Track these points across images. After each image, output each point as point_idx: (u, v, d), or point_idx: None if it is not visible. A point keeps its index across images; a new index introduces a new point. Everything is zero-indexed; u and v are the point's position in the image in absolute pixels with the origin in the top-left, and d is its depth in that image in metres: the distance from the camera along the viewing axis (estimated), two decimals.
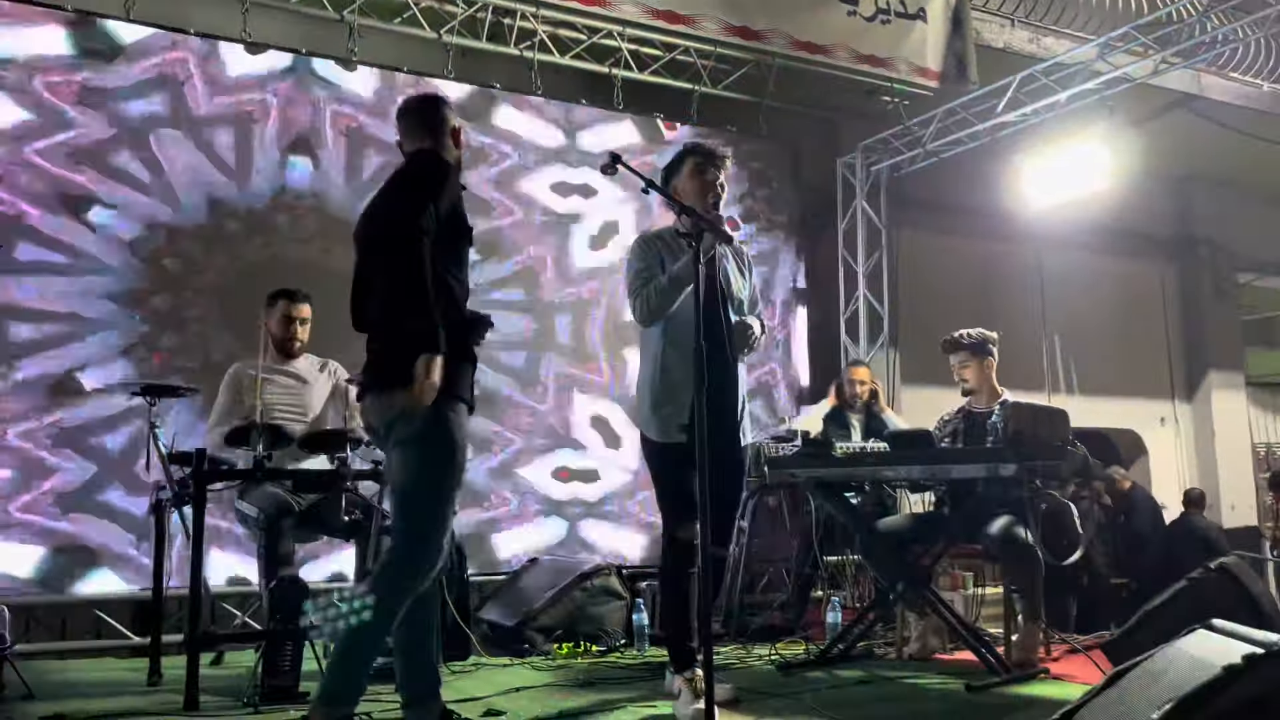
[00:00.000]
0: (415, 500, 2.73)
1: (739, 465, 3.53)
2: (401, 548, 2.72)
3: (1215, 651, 2.16)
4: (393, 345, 2.71)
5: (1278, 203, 10.26)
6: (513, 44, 6.06)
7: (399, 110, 3.06)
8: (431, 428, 2.71)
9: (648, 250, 3.43)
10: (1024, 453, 3.73)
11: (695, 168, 3.45)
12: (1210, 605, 3.33)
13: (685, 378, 3.20)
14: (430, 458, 2.73)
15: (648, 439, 3.44)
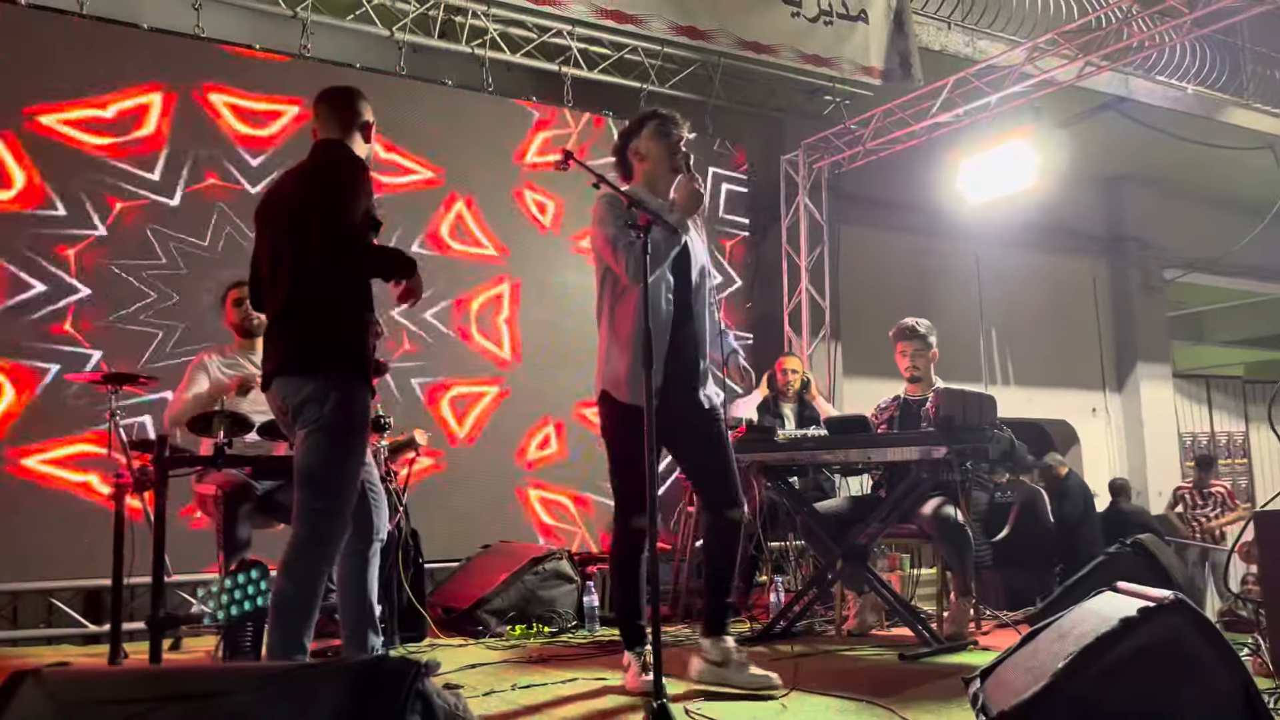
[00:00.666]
0: (324, 479, 2.84)
1: (717, 435, 3.41)
2: (310, 525, 2.82)
3: (1117, 608, 2.37)
4: (308, 332, 2.86)
5: (1204, 202, 10.68)
6: (464, 41, 6.17)
7: (317, 97, 3.16)
8: (344, 410, 2.84)
9: (617, 209, 3.27)
10: (953, 435, 3.96)
11: (657, 129, 3.43)
12: (1124, 577, 3.57)
13: (659, 344, 3.18)
14: (340, 438, 2.85)
15: (617, 401, 3.30)
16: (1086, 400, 10.32)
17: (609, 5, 6.37)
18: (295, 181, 3.02)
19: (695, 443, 3.38)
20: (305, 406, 2.84)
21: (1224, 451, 11.14)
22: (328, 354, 2.87)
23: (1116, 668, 2.17)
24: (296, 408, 2.86)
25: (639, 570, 3.32)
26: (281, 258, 2.93)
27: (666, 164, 3.41)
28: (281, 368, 2.90)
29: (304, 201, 2.92)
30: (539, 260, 6.34)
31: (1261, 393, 11.92)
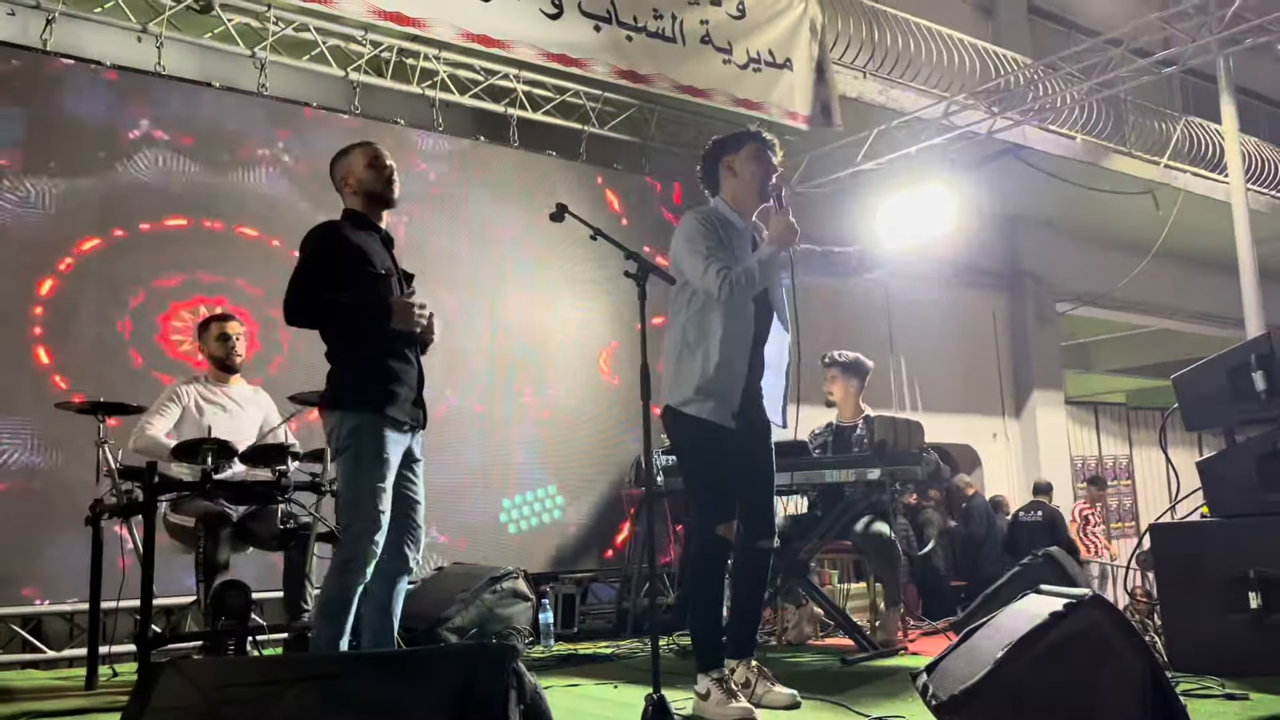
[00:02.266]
0: (341, 502, 3.20)
1: (770, 465, 3.50)
2: (343, 544, 3.16)
3: (1043, 605, 2.77)
4: (330, 377, 3.27)
5: (1091, 241, 11.50)
6: (415, 83, 6.43)
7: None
8: (355, 439, 3.17)
9: (709, 228, 3.36)
10: (887, 458, 4.38)
11: (757, 152, 3.42)
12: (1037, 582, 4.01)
13: (739, 367, 3.30)
14: (349, 466, 3.17)
15: (693, 416, 3.29)
16: (988, 425, 10.97)
17: (555, 49, 6.72)
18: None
19: (749, 468, 3.40)
20: (331, 437, 3.22)
21: (1110, 474, 11.91)
22: (343, 392, 3.23)
23: (1046, 655, 2.56)
24: (328, 438, 3.25)
25: (721, 584, 3.36)
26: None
27: (757, 188, 3.42)
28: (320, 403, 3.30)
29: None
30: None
31: (1143, 418, 12.80)
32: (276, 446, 4.14)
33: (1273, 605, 3.49)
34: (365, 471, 3.14)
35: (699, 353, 3.30)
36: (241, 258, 5.69)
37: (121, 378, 5.20)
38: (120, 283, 5.38)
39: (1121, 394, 16.06)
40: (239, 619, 3.94)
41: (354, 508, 3.13)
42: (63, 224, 5.24)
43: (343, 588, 3.09)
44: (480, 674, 1.60)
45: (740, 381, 3.32)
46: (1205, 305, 12.53)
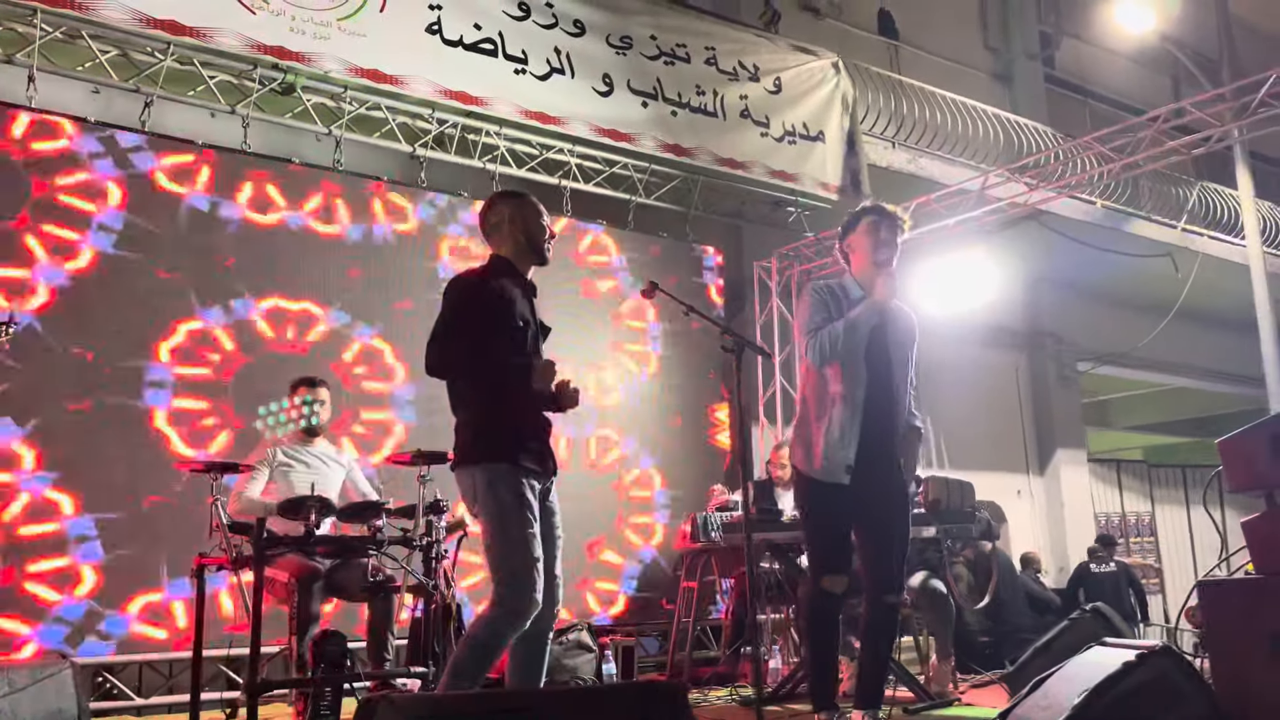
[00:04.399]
0: (492, 554, 3.23)
1: (905, 521, 3.62)
2: (494, 598, 3.21)
3: (1111, 656, 3.03)
4: (458, 429, 3.33)
5: (1108, 301, 11.80)
6: (477, 157, 6.80)
7: (479, 215, 3.58)
8: (492, 493, 3.23)
9: (818, 299, 3.60)
10: (943, 516, 4.63)
11: (870, 225, 3.63)
12: (1089, 636, 4.24)
13: (850, 424, 3.47)
14: (495, 518, 3.23)
15: (810, 478, 3.52)
16: (1013, 482, 11.19)
17: (606, 125, 7.09)
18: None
19: (875, 525, 3.53)
20: (465, 496, 3.31)
21: (1133, 530, 12.10)
22: (471, 448, 3.29)
23: (1119, 700, 2.81)
24: (463, 497, 3.32)
25: (831, 633, 3.53)
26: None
27: (871, 258, 3.62)
28: (453, 464, 3.35)
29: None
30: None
31: (1164, 476, 13.03)
32: (371, 503, 4.41)
33: None
34: (512, 522, 3.18)
35: (814, 416, 3.52)
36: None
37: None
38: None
39: (1139, 450, 16.27)
40: (338, 667, 4.18)
41: (507, 558, 3.16)
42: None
43: (497, 635, 3.13)
44: (656, 709, 1.86)
45: (853, 441, 3.48)
46: (1222, 364, 12.80)
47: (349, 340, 6.21)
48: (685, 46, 7.66)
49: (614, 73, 7.23)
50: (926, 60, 10.78)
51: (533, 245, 3.45)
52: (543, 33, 6.91)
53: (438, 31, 6.43)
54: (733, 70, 7.89)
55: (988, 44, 12.02)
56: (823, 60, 8.43)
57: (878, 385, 3.56)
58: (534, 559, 3.17)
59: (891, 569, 3.54)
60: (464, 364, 3.26)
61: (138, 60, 5.70)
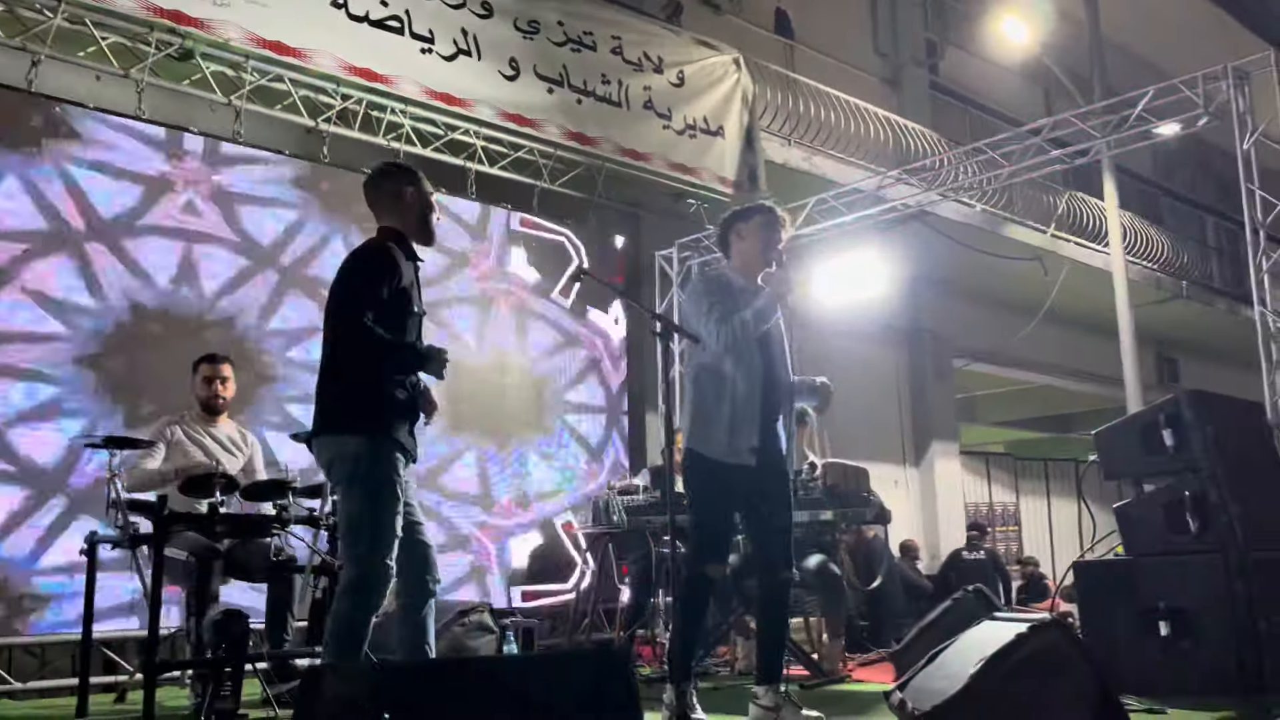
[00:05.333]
0: (356, 529, 3.21)
1: (788, 497, 3.76)
2: (350, 571, 3.19)
3: (1004, 629, 3.23)
4: (335, 397, 3.27)
5: (982, 301, 12.34)
6: (381, 135, 6.70)
7: (364, 184, 3.49)
8: (368, 466, 3.20)
9: (714, 287, 3.75)
10: (839, 500, 4.82)
11: (764, 223, 3.77)
12: (971, 615, 4.48)
13: (751, 407, 3.61)
14: (364, 491, 3.21)
15: (710, 458, 3.59)
16: (890, 473, 11.61)
17: (511, 109, 7.08)
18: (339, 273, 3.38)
19: (770, 504, 3.67)
20: (334, 464, 3.24)
21: (999, 519, 12.73)
22: (348, 416, 3.23)
23: (1014, 669, 3.01)
24: (328, 465, 3.27)
25: (703, 617, 3.63)
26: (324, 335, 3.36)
27: (762, 255, 3.76)
28: (318, 429, 3.29)
29: (336, 284, 3.33)
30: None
31: (1028, 468, 13.74)
32: (277, 481, 4.35)
33: (1179, 633, 4.04)
34: (384, 498, 3.17)
35: (715, 399, 3.61)
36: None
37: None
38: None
39: (1001, 444, 17.09)
40: (240, 648, 4.10)
41: (371, 536, 3.14)
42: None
43: (365, 610, 3.14)
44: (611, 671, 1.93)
45: (756, 422, 3.62)
46: (1083, 364, 13.54)
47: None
48: (592, 34, 7.70)
49: (520, 57, 7.22)
50: (820, 61, 11.06)
51: (426, 223, 3.47)
52: (450, 12, 6.85)
53: (343, 6, 6.31)
54: (638, 61, 7.96)
55: (878, 49, 12.42)
56: (724, 56, 8.58)
57: (770, 371, 3.74)
58: (395, 538, 3.18)
59: (787, 546, 3.67)
60: (374, 343, 3.20)
61: (25, 17, 5.44)
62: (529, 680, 1.95)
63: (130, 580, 4.50)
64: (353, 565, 3.20)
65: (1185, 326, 14.03)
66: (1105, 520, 4.46)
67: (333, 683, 1.96)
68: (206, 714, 3.88)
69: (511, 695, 1.91)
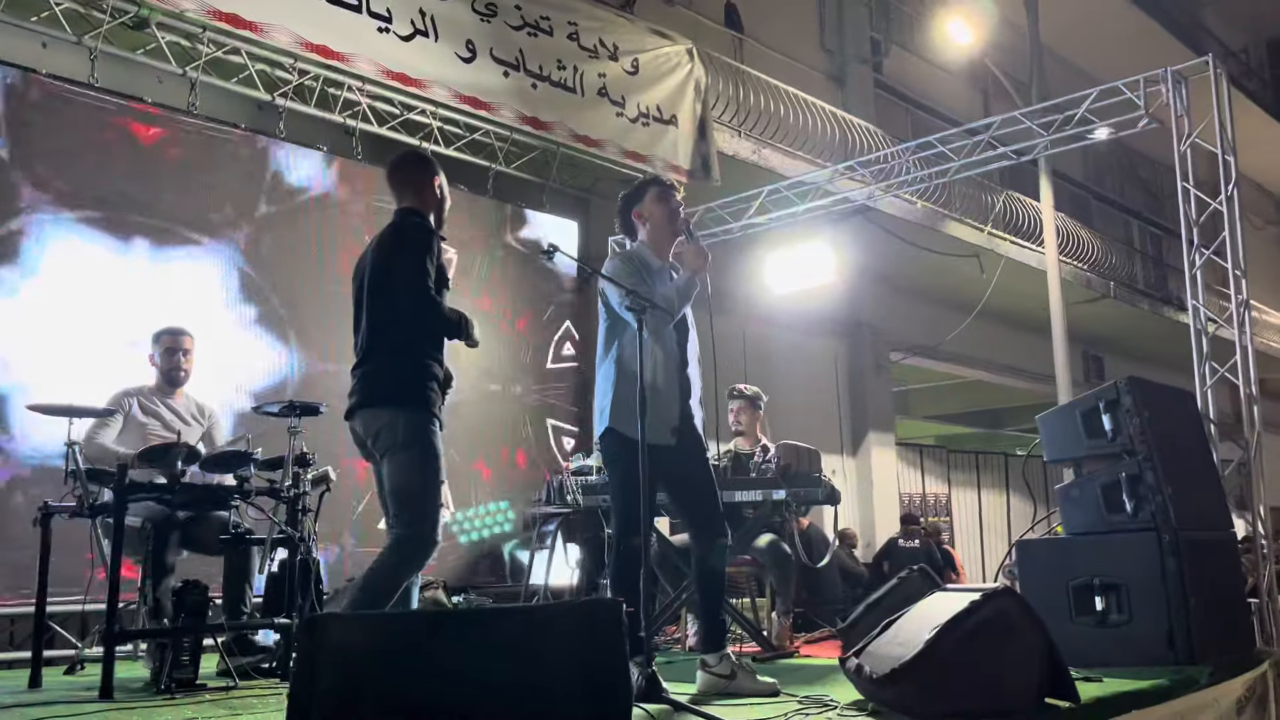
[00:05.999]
0: (408, 498, 3.40)
1: (709, 470, 3.86)
2: (399, 534, 3.39)
3: (954, 599, 3.37)
4: (385, 370, 3.45)
5: (920, 296, 12.65)
6: (337, 112, 6.67)
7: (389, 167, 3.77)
8: (412, 437, 3.41)
9: (631, 268, 3.76)
10: (791, 480, 4.96)
11: (660, 195, 3.84)
12: (917, 591, 4.65)
13: (672, 389, 3.70)
14: (418, 463, 3.41)
15: (631, 437, 3.54)
16: (828, 463, 11.67)
17: (467, 91, 7.10)
18: (375, 245, 3.61)
19: (696, 477, 3.77)
20: (381, 435, 3.41)
21: (932, 510, 13.06)
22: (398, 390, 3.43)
23: (967, 634, 3.15)
24: (374, 437, 3.42)
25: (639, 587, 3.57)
26: (361, 313, 3.56)
27: (668, 227, 3.84)
28: (362, 402, 3.46)
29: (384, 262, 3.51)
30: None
31: (959, 460, 14.10)
32: (238, 453, 4.33)
33: (1112, 607, 4.24)
34: (432, 469, 3.40)
35: (634, 378, 3.57)
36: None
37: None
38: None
39: (931, 438, 17.50)
40: (199, 618, 4.09)
41: (423, 502, 3.36)
42: None
43: (402, 576, 3.35)
44: (601, 624, 2.00)
45: (675, 401, 3.75)
46: (1013, 360, 13.95)
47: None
48: (549, 20, 7.73)
49: (477, 39, 7.23)
50: (768, 56, 11.21)
51: (442, 214, 3.72)
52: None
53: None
54: (593, 48, 8.02)
55: (824, 45, 12.63)
56: (678, 46, 8.68)
57: (685, 350, 3.85)
58: (439, 507, 3.41)
59: (718, 513, 3.75)
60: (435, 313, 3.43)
61: None
62: (523, 631, 2.02)
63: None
64: (404, 530, 3.39)
65: (1111, 326, 14.52)
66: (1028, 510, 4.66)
67: (331, 632, 2.00)
68: (166, 683, 3.88)
69: (506, 646, 1.98)
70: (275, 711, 3.50)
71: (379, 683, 1.97)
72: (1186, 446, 4.58)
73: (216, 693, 3.88)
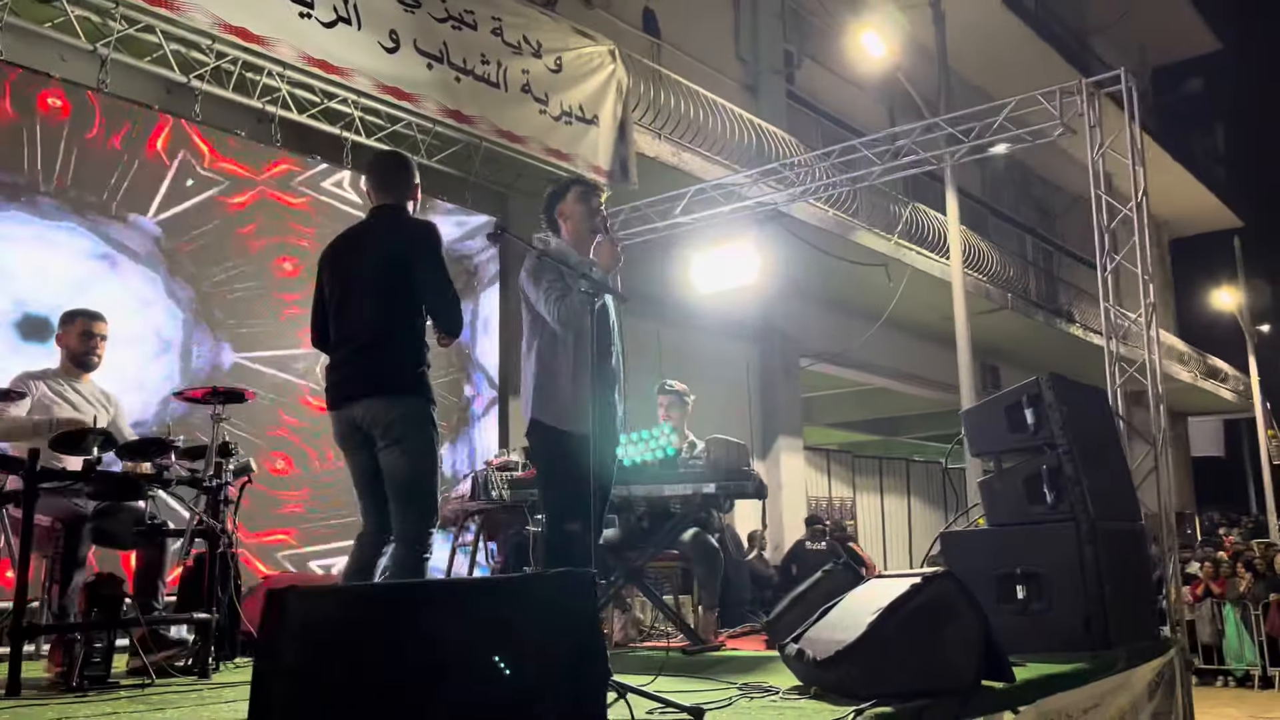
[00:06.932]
0: (417, 486, 3.44)
1: (612, 466, 3.99)
2: (413, 525, 3.42)
3: (894, 584, 3.44)
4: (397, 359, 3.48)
5: (829, 304, 12.91)
6: (256, 97, 6.48)
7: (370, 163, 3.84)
8: (422, 426, 3.48)
9: (550, 264, 3.82)
10: (722, 473, 4.99)
11: (580, 195, 3.99)
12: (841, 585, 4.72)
13: (586, 378, 3.74)
14: (427, 451, 3.49)
15: (555, 428, 3.75)
16: None
17: (390, 82, 6.97)
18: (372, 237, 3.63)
19: (603, 471, 3.83)
20: (393, 424, 3.41)
21: (838, 512, 13.31)
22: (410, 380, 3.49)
23: (909, 616, 3.21)
24: (385, 426, 3.41)
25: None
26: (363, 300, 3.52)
27: (587, 225, 3.97)
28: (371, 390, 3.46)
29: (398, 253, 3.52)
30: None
31: (864, 465, 14.41)
32: (158, 439, 4.16)
33: (1033, 596, 4.38)
34: (435, 462, 3.50)
35: (556, 372, 3.76)
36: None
37: None
38: None
39: (835, 444, 17.85)
40: (114, 612, 3.91)
41: (434, 494, 3.46)
42: None
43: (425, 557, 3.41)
44: (576, 594, 1.98)
45: (590, 394, 3.75)
46: (915, 368, 14.33)
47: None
48: (473, 13, 7.65)
49: (401, 30, 7.11)
50: (685, 62, 11.32)
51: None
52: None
53: None
54: (517, 44, 7.97)
55: (739, 55, 12.80)
56: (601, 46, 8.68)
57: (603, 343, 3.90)
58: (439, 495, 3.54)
59: (603, 509, 3.90)
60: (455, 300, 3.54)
61: None
62: (495, 602, 1.98)
63: None
64: (416, 520, 3.44)
65: (1008, 337, 15.03)
66: (936, 516, 4.79)
67: (297, 606, 1.94)
68: (77, 680, 3.70)
69: (478, 617, 1.94)
70: (196, 706, 3.39)
71: (347, 657, 1.91)
72: (1100, 442, 4.76)
73: (132, 690, 3.71)
